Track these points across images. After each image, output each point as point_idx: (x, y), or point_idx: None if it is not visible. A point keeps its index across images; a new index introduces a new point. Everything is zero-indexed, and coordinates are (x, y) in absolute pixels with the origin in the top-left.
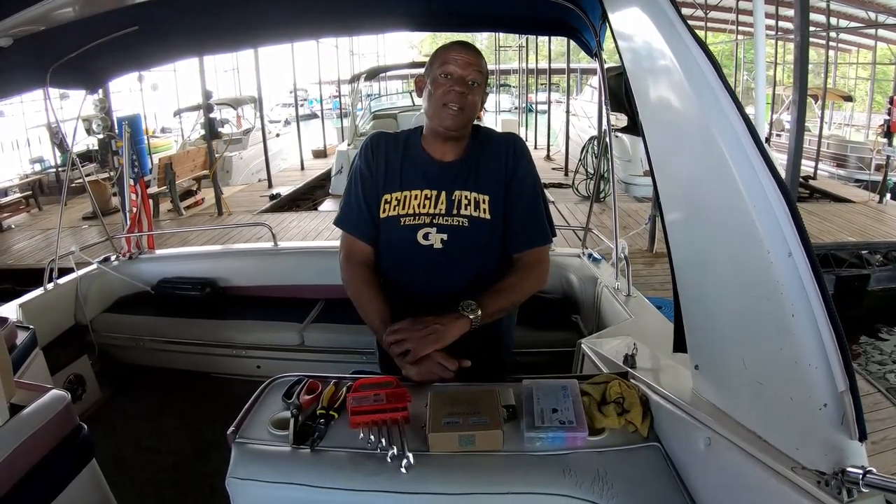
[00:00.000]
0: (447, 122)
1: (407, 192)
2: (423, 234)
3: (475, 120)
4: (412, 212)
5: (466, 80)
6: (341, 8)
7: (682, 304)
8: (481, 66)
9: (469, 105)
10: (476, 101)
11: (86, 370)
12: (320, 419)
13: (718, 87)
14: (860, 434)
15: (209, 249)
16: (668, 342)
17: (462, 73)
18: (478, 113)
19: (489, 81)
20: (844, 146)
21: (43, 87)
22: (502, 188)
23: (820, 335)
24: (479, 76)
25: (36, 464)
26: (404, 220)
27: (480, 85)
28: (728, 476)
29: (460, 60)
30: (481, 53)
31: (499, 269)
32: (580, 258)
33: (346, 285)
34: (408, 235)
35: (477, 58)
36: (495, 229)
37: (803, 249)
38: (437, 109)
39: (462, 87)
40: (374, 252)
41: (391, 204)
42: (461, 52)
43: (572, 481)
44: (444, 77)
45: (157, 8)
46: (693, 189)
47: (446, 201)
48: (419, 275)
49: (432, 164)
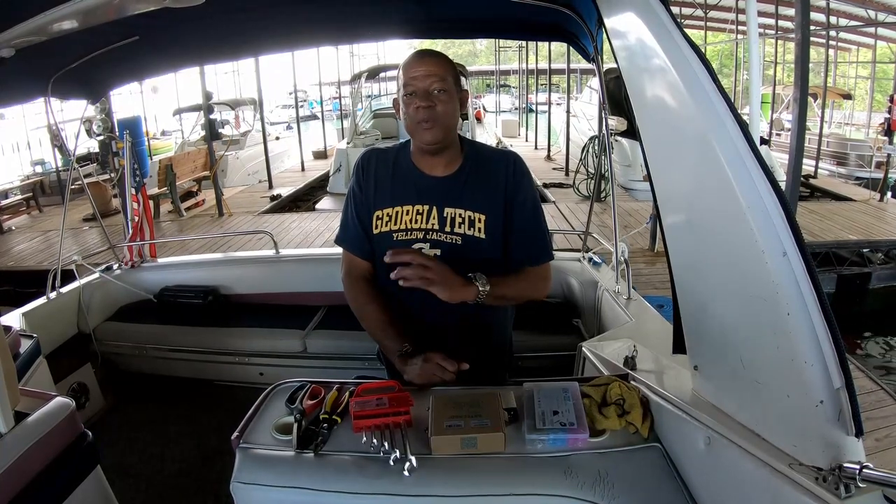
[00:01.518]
0: (426, 138)
1: (398, 207)
2: (416, 249)
3: (462, 124)
4: (404, 227)
5: (430, 91)
6: (340, 18)
7: (680, 305)
8: (441, 71)
9: (441, 115)
10: (448, 109)
11: (89, 378)
12: (323, 424)
13: (712, 90)
14: (857, 430)
15: (211, 257)
16: (668, 344)
17: (422, 86)
18: (457, 116)
19: (489, 81)
20: (844, 144)
21: (45, 97)
22: (501, 208)
23: (815, 333)
24: (441, 83)
25: (41, 471)
26: (397, 235)
27: (447, 90)
28: (728, 475)
29: (419, 74)
30: (441, 55)
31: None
32: (581, 262)
33: (349, 301)
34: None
35: (435, 65)
36: (491, 249)
37: (797, 249)
38: (413, 128)
39: (427, 101)
40: (373, 267)
41: (383, 220)
42: (418, 66)
43: (574, 482)
44: (409, 96)
45: (157, 18)
46: (689, 192)
47: (438, 217)
48: (414, 290)
49: (422, 178)
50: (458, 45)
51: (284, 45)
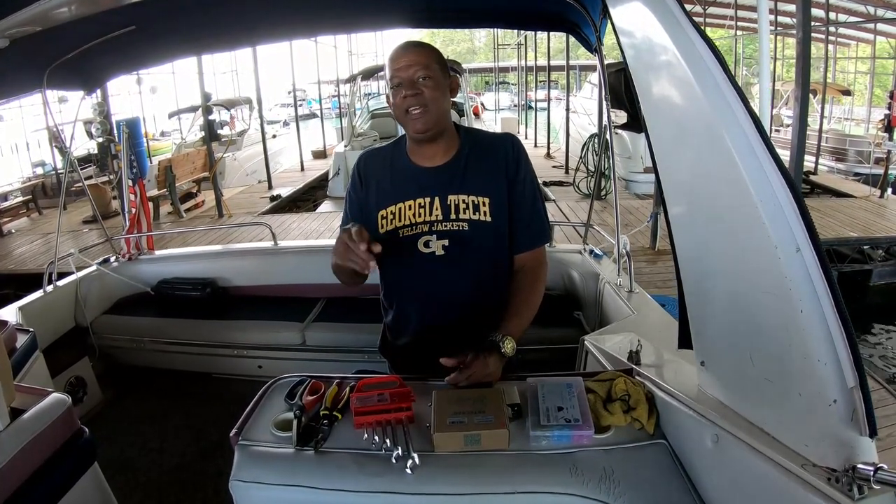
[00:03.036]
0: (417, 126)
1: (401, 203)
2: (423, 243)
3: (460, 120)
4: (409, 222)
5: (415, 80)
6: (339, 5)
7: (686, 299)
8: (423, 59)
9: (429, 101)
10: (436, 94)
11: (86, 372)
12: (324, 420)
13: (724, 81)
14: (871, 430)
15: (209, 249)
16: (672, 338)
17: (407, 75)
18: (447, 102)
19: (488, 79)
20: (843, 140)
21: (40, 89)
22: (504, 189)
23: (829, 330)
24: (425, 71)
25: (37, 468)
26: (402, 231)
27: (433, 76)
28: (736, 473)
29: (402, 65)
30: (424, 45)
31: (507, 272)
32: (581, 254)
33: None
34: (408, 246)
35: (417, 54)
36: (499, 232)
37: (811, 244)
38: (403, 118)
39: (412, 89)
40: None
41: (388, 219)
42: (401, 58)
43: (579, 480)
44: (396, 88)
45: (153, 7)
46: (698, 184)
47: (441, 207)
48: (425, 284)
49: (420, 171)
50: (457, 42)
51: (282, 35)
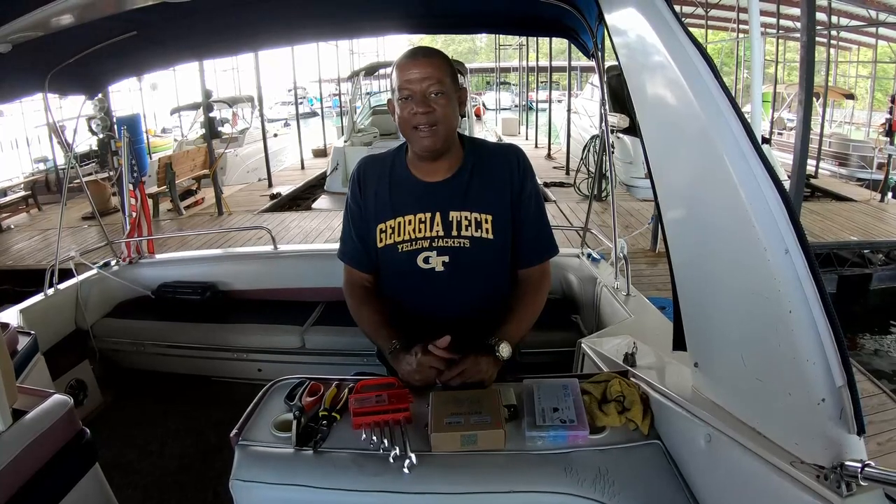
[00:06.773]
0: (424, 144)
1: (400, 217)
2: (422, 258)
3: (461, 121)
4: (408, 237)
5: (427, 95)
6: (339, 12)
7: (681, 302)
8: (438, 72)
9: (440, 119)
10: (447, 112)
11: (87, 375)
12: (323, 421)
13: (715, 86)
14: (858, 428)
15: (209, 253)
16: (668, 341)
17: (419, 88)
18: (457, 118)
19: (489, 79)
20: (846, 144)
21: (42, 93)
22: (508, 205)
23: (818, 331)
24: (439, 85)
25: (39, 469)
26: (402, 246)
27: (445, 92)
28: (728, 472)
29: (414, 77)
30: (436, 53)
31: (508, 289)
32: (579, 258)
33: (349, 307)
34: (407, 261)
35: (431, 65)
36: (501, 249)
37: (800, 247)
38: (409, 134)
39: (424, 106)
40: (374, 277)
41: (387, 233)
42: (413, 67)
43: (574, 479)
44: (405, 101)
45: (154, 13)
46: (691, 188)
47: (442, 223)
48: (424, 299)
49: (421, 185)
50: (458, 42)
51: (283, 40)
